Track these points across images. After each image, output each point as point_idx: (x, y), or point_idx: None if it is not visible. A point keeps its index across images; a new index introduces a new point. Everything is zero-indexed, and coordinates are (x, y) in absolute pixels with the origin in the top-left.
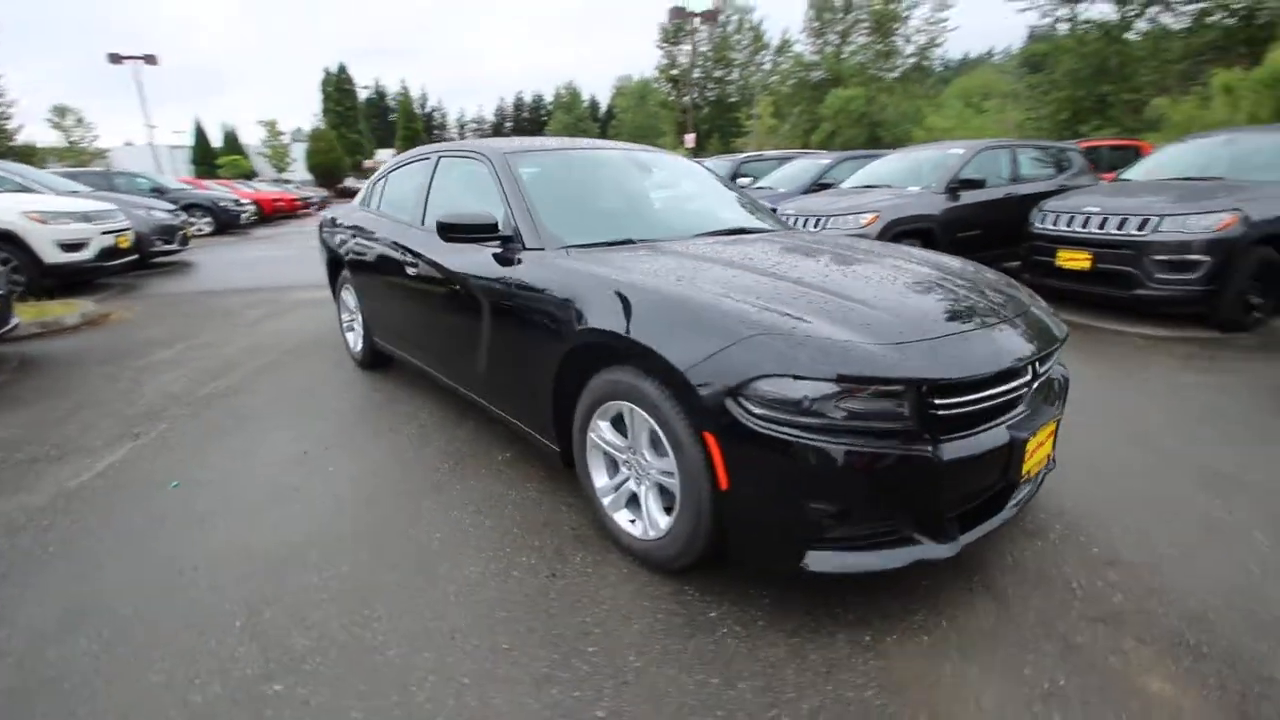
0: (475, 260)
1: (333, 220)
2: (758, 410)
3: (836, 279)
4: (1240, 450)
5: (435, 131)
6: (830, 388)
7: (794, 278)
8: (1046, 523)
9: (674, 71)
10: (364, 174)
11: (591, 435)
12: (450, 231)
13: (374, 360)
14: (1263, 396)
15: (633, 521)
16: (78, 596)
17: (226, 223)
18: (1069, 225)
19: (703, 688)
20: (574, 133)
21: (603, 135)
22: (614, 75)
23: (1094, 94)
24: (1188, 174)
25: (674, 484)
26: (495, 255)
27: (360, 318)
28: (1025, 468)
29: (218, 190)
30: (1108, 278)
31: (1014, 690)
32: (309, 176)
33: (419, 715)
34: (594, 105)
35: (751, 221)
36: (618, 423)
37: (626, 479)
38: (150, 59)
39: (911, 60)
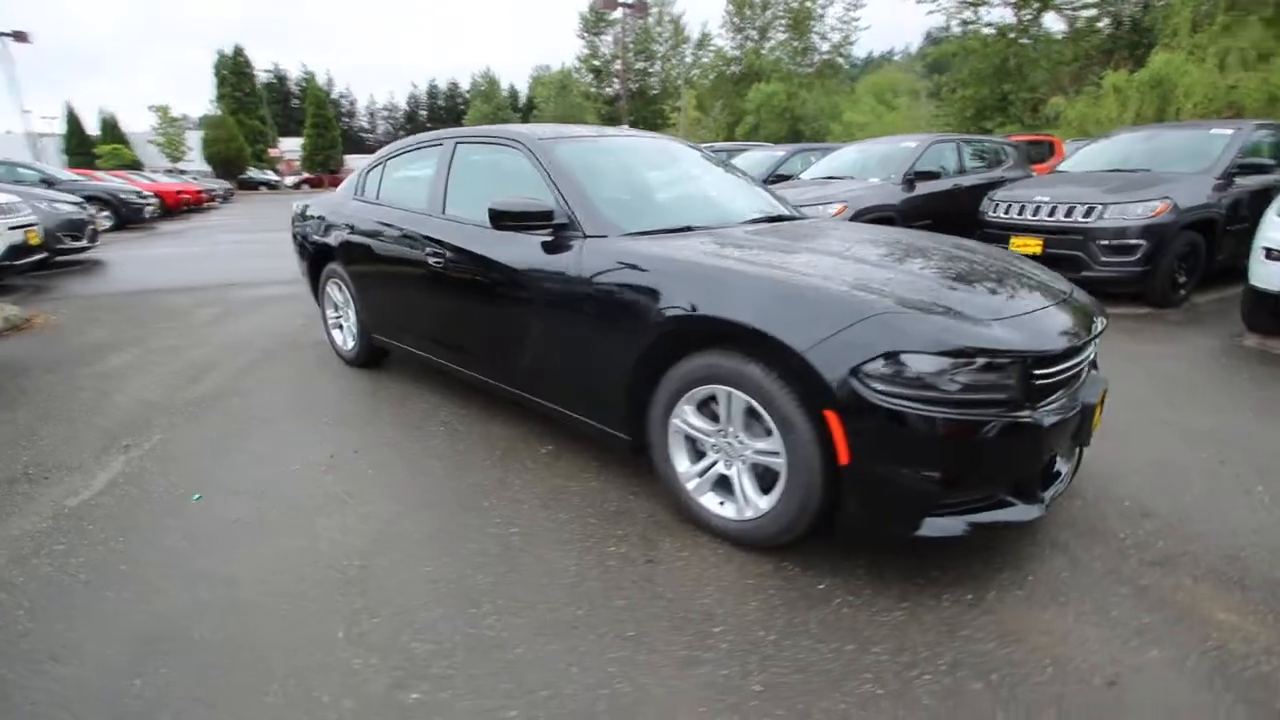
0: (518, 250)
1: (313, 212)
2: (880, 386)
3: (908, 262)
4: (1210, 410)
5: (343, 120)
6: (948, 362)
7: (872, 260)
8: (1079, 484)
9: (596, 62)
10: (268, 164)
11: (675, 421)
12: (504, 220)
13: (369, 358)
14: (1208, 362)
15: (722, 504)
16: (140, 625)
17: (128, 217)
18: (1020, 214)
19: (840, 655)
20: (494, 122)
21: None
22: (532, 64)
23: (996, 92)
24: (1116, 166)
25: (778, 463)
26: (545, 244)
27: (355, 313)
28: (1093, 429)
29: (114, 182)
30: (1057, 261)
31: (1112, 630)
32: (206, 167)
33: (579, 707)
34: (514, 95)
35: (781, 209)
36: (702, 407)
37: (714, 463)
38: (21, 36)
39: (827, 57)
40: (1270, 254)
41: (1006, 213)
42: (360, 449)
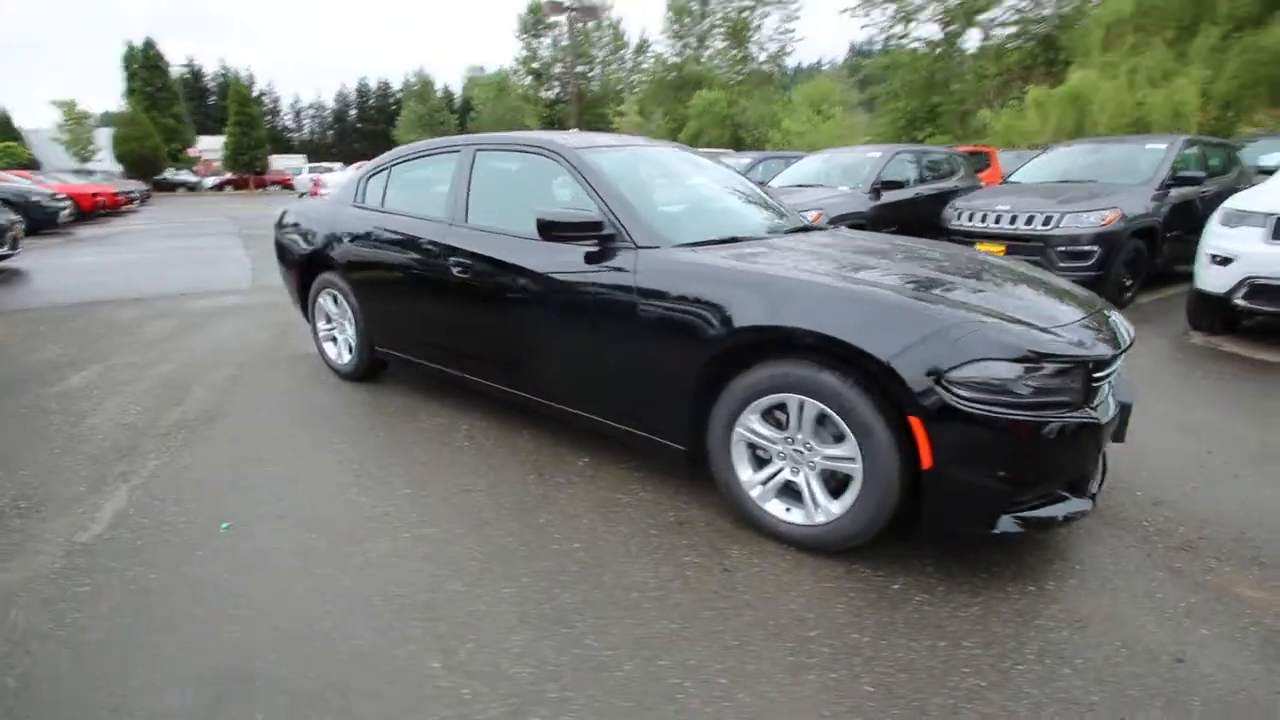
0: (558, 261)
1: (299, 220)
2: (963, 392)
3: (963, 275)
4: (1183, 404)
5: (266, 118)
6: (1023, 367)
7: (925, 276)
8: None
9: (536, 64)
10: (185, 164)
11: (739, 430)
12: (554, 230)
13: (367, 371)
14: (1167, 359)
15: (788, 510)
16: (206, 668)
17: (42, 221)
18: (983, 221)
19: (935, 652)
20: (430, 124)
21: (461, 129)
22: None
23: (926, 104)
24: (1064, 177)
25: (853, 468)
26: (589, 254)
27: (355, 325)
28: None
29: (21, 183)
30: None
31: (1162, 612)
32: (116, 167)
33: None
34: (449, 95)
35: (800, 220)
36: (766, 415)
37: (778, 470)
38: None
39: (765, 67)
40: (1215, 259)
41: (970, 220)
42: (385, 466)
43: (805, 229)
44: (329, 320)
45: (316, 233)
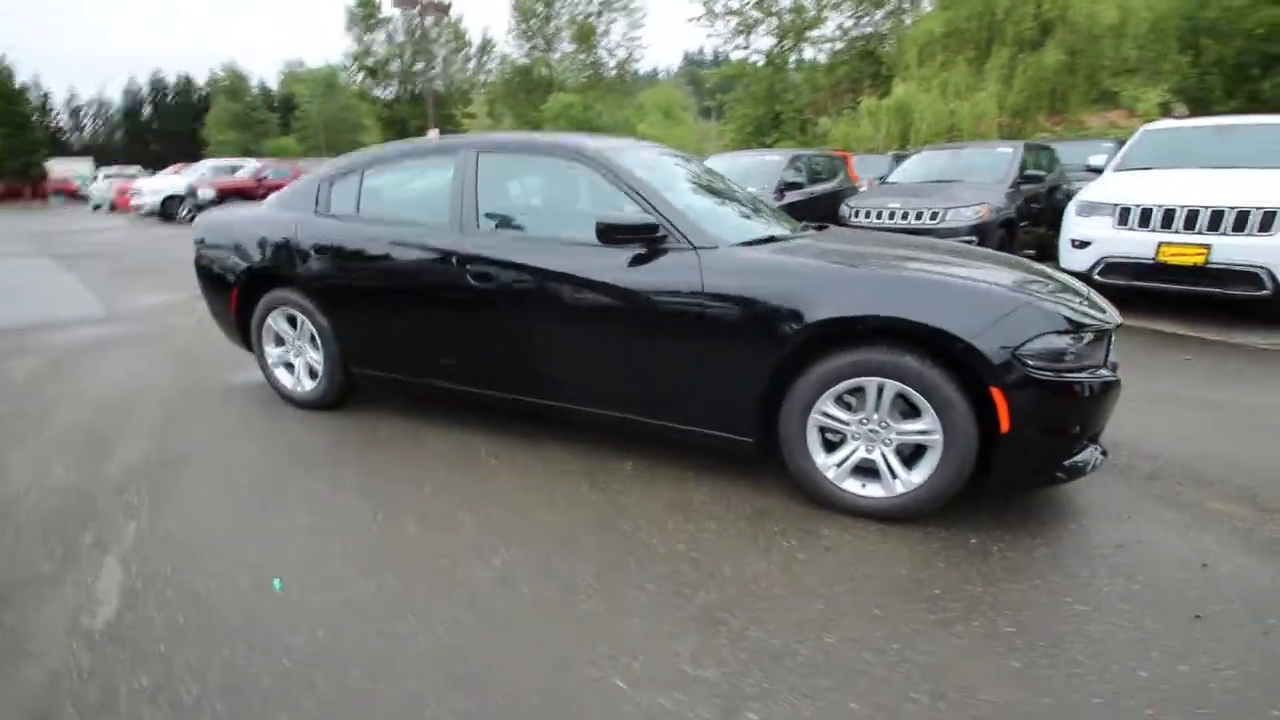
0: (598, 264)
1: (231, 235)
2: (1034, 363)
3: (986, 261)
4: None
5: (35, 118)
6: (1071, 338)
7: (963, 260)
8: None
9: (370, 61)
10: None
11: (814, 417)
12: (617, 234)
13: (338, 397)
14: None
15: (864, 486)
16: None
17: None
18: (879, 218)
19: (1038, 590)
20: (248, 123)
21: (284, 129)
22: (282, 59)
23: (770, 112)
24: (935, 178)
25: (933, 439)
26: (638, 257)
27: (323, 346)
28: None
29: None
30: None
31: (1182, 532)
32: None
33: (904, 680)
34: (266, 91)
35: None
36: (838, 400)
37: (853, 450)
38: None
39: (614, 72)
40: (1075, 244)
41: (866, 217)
42: (421, 497)
43: (819, 227)
44: (282, 344)
45: (262, 247)
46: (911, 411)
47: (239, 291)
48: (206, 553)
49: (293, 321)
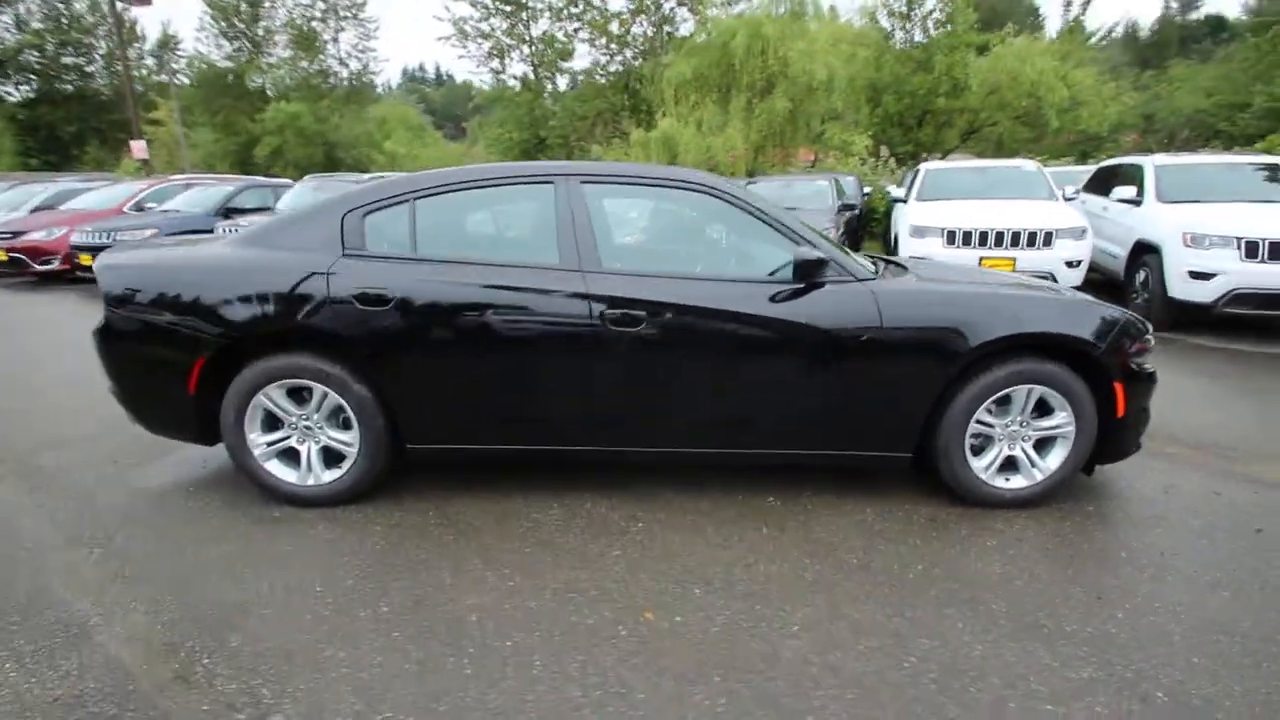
0: (757, 298)
1: (218, 283)
2: (1135, 361)
3: (1037, 283)
4: None
5: None
6: (1145, 340)
7: (1034, 282)
8: None
9: None
10: None
11: (973, 425)
12: (814, 271)
13: (373, 484)
14: None
15: (1007, 479)
16: None
17: None
18: None
19: (1096, 539)
20: None
21: None
22: None
23: (534, 137)
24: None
25: (1067, 431)
26: (796, 291)
27: (360, 422)
28: None
29: None
30: None
31: (1178, 473)
32: None
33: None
34: None
35: None
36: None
37: (1000, 450)
38: None
39: (350, 84)
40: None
41: None
42: (581, 581)
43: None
44: (273, 427)
45: (258, 302)
46: (1045, 410)
47: (205, 364)
48: (347, 699)
49: (297, 397)
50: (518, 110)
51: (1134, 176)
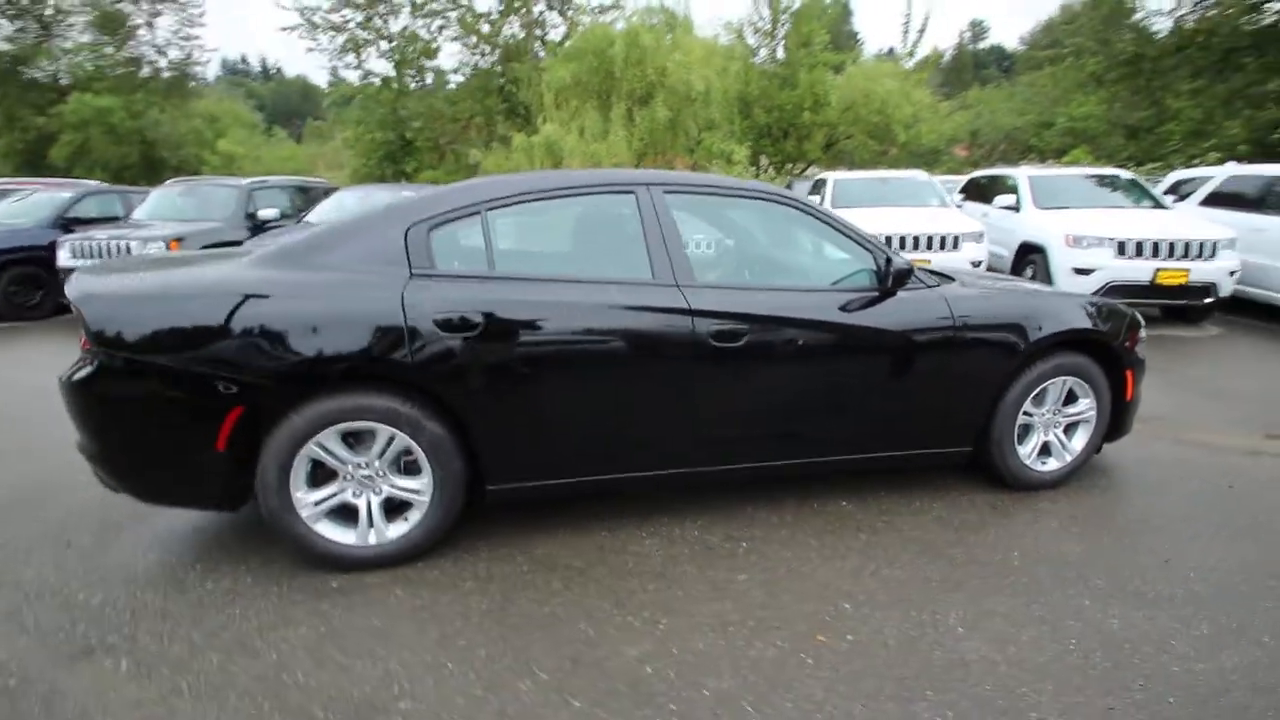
0: (842, 307)
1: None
2: (1139, 350)
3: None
4: None
5: None
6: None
7: (1052, 289)
8: None
9: None
10: None
11: (1022, 416)
12: (904, 280)
13: (443, 536)
14: None
15: (1044, 464)
16: None
17: None
18: None
19: (1138, 513)
20: None
21: None
22: None
23: (400, 138)
24: None
25: (1090, 415)
26: (873, 299)
27: (439, 467)
28: None
29: None
30: None
31: (1188, 447)
32: None
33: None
34: None
35: None
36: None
37: (1039, 437)
38: None
39: (170, 74)
40: None
41: None
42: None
43: None
44: (321, 482)
45: (315, 333)
46: (1071, 398)
47: (242, 413)
48: None
49: (351, 443)
50: (379, 109)
51: (1010, 186)
